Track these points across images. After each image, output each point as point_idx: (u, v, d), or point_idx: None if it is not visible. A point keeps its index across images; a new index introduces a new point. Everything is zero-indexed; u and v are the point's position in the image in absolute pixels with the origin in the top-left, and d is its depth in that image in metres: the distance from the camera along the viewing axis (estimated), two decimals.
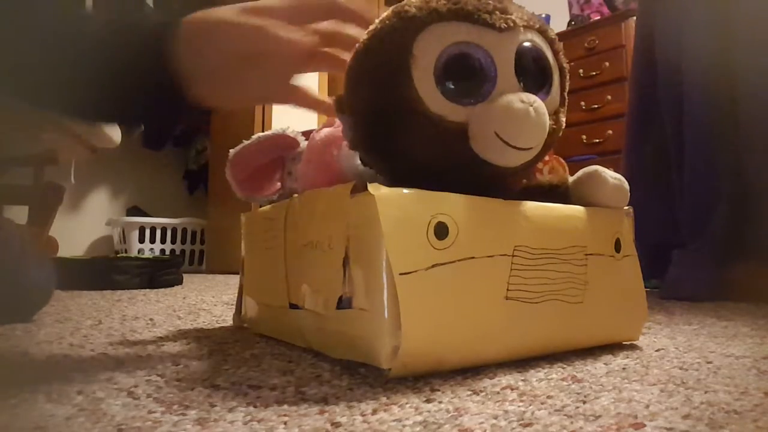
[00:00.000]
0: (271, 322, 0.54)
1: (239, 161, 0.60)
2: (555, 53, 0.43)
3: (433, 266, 0.35)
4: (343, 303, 0.39)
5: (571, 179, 0.48)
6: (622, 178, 0.47)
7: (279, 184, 0.63)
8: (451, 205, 0.37)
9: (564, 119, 0.44)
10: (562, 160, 0.54)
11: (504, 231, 0.40)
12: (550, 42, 0.42)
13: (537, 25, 0.41)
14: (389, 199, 0.35)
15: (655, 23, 1.13)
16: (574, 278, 0.43)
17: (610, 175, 0.46)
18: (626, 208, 0.49)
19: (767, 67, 0.93)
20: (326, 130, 0.51)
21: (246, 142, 0.60)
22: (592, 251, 0.45)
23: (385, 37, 0.39)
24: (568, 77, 0.44)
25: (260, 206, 0.58)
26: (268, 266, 0.52)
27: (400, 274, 0.34)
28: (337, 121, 0.51)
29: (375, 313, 0.35)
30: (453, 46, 0.38)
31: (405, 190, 0.36)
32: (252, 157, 0.60)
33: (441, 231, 0.36)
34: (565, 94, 0.44)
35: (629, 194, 0.48)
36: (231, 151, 0.60)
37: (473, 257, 0.37)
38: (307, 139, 0.59)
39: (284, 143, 0.60)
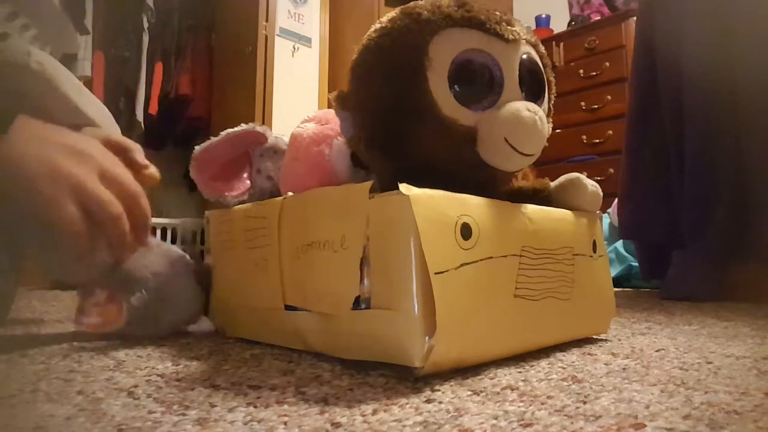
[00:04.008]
0: (256, 324, 0.52)
1: (205, 158, 0.57)
2: (544, 67, 0.45)
3: (461, 266, 0.36)
4: (361, 303, 0.39)
5: (552, 184, 0.51)
6: (598, 185, 0.51)
7: (248, 182, 0.60)
8: (472, 207, 0.38)
9: (550, 128, 0.46)
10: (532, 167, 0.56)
11: (513, 232, 0.41)
12: (541, 56, 0.45)
13: (532, 40, 0.44)
14: (422, 199, 0.35)
15: (655, 23, 1.13)
16: (565, 276, 0.46)
17: (589, 182, 0.50)
18: (597, 212, 0.52)
19: (767, 67, 0.93)
20: (311, 127, 0.50)
21: (213, 139, 0.57)
22: (577, 252, 0.47)
23: (399, 36, 0.40)
24: (554, 90, 0.47)
25: (242, 204, 0.56)
26: (253, 266, 0.51)
27: (436, 273, 0.34)
28: (323, 118, 0.50)
29: (403, 313, 0.35)
30: (466, 52, 0.39)
31: (431, 191, 0.36)
32: (217, 154, 0.58)
33: (466, 231, 0.37)
34: (551, 104, 0.47)
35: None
36: (196, 148, 0.57)
37: (491, 257, 0.39)
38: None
39: (251, 138, 0.58)
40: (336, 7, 2.80)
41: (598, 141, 2.27)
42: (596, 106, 2.29)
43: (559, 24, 2.66)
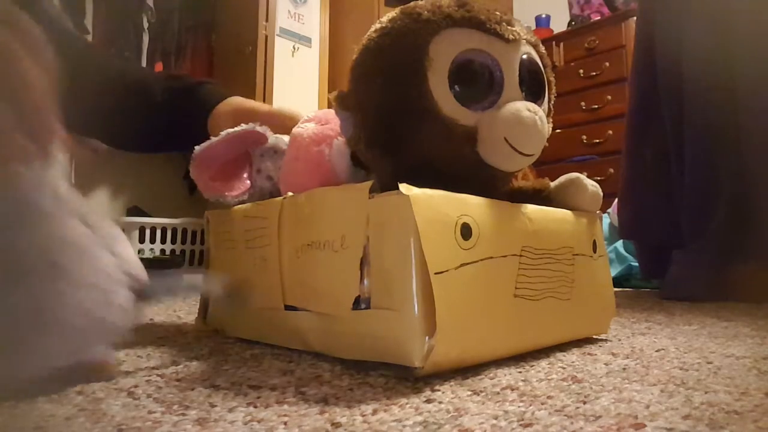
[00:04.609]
0: (256, 324, 0.52)
1: (205, 158, 0.57)
2: (544, 67, 0.45)
3: (461, 266, 0.36)
4: (361, 303, 0.39)
5: (552, 184, 0.51)
6: (598, 185, 0.51)
7: (248, 182, 0.59)
8: (472, 207, 0.38)
9: (550, 128, 0.47)
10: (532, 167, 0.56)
11: (513, 232, 0.41)
12: (541, 56, 0.45)
13: (532, 40, 0.44)
14: (422, 199, 0.35)
15: (655, 23, 1.13)
16: (565, 276, 0.46)
17: (589, 182, 0.50)
18: (597, 212, 0.52)
19: (767, 67, 0.93)
20: (311, 127, 0.50)
21: (214, 139, 0.56)
22: (577, 252, 0.48)
23: (399, 36, 0.40)
24: (554, 90, 0.47)
25: (241, 204, 0.56)
26: (252, 266, 0.51)
27: (436, 273, 0.34)
28: (323, 118, 0.50)
29: (404, 313, 0.35)
30: (466, 52, 0.39)
31: (431, 191, 0.36)
32: (217, 153, 0.57)
33: (466, 231, 0.37)
34: (551, 105, 0.47)
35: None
36: (196, 148, 0.56)
37: (491, 257, 0.39)
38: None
39: (251, 138, 0.57)
40: (336, 7, 2.80)
41: (598, 141, 2.27)
42: (596, 106, 2.30)
43: (559, 24, 2.66)
